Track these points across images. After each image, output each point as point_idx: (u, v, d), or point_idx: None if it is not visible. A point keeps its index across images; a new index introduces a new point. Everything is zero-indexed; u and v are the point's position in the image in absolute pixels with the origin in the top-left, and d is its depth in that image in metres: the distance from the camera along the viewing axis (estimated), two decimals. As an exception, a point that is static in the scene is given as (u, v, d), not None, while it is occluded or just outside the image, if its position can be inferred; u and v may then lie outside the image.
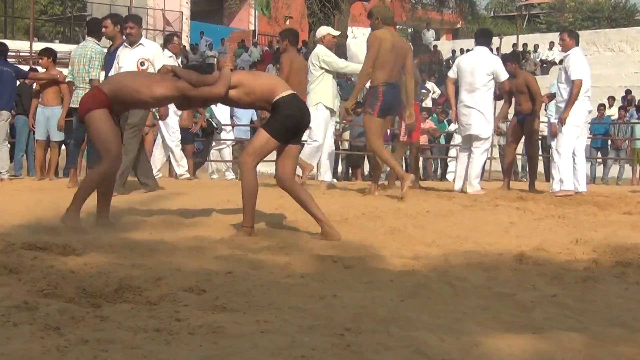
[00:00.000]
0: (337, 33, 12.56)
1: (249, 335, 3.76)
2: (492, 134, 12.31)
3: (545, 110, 13.80)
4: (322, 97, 11.78)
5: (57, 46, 33.18)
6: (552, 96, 12.92)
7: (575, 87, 11.52)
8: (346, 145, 22.50)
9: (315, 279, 5.42)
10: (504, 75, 11.77)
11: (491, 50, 12.27)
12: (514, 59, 13.59)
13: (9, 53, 13.93)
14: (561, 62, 12.42)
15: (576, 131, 11.70)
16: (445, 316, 4.49)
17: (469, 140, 11.85)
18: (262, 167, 13.20)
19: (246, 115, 19.84)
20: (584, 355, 3.81)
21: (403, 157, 13.71)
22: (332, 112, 12.03)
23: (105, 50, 11.65)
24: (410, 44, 14.77)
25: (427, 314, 4.49)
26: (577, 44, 11.94)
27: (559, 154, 11.67)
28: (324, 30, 12.47)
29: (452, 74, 12.29)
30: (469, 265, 6.24)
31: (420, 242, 7.24)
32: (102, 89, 7.28)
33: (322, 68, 11.75)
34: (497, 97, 12.58)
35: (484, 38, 12.27)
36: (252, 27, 44.57)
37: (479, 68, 11.66)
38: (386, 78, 10.47)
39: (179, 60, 14.45)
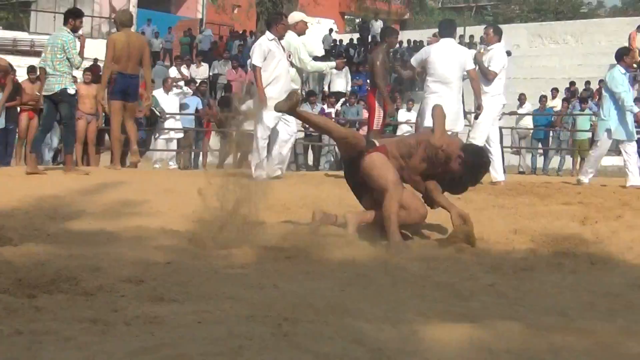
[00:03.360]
0: (310, 20, 12.39)
1: (186, 326, 3.75)
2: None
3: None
4: None
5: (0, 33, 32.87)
6: None
7: (490, 76, 11.88)
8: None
9: (255, 269, 5.42)
10: (470, 65, 11.70)
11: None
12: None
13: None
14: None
15: (490, 122, 11.95)
16: (383, 305, 4.50)
17: None
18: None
19: (192, 104, 19.76)
20: (520, 344, 3.84)
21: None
22: None
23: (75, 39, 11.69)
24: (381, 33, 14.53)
25: (366, 304, 4.50)
26: (499, 40, 12.17)
27: (476, 139, 11.90)
28: (297, 17, 12.20)
29: (415, 62, 12.12)
30: (408, 255, 6.27)
31: (360, 231, 7.24)
32: None
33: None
34: None
35: (448, 29, 12.15)
36: (199, 16, 44.26)
37: (452, 61, 11.52)
38: (119, 69, 12.34)
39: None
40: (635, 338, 4.03)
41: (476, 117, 11.78)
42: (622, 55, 12.73)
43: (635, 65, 29.56)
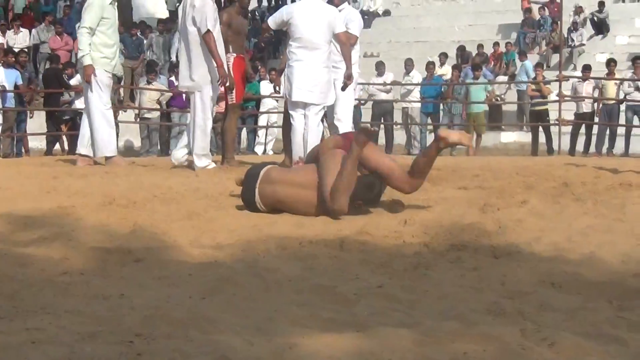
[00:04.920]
0: None
1: (16, 347, 3.68)
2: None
3: None
4: None
5: None
6: None
7: (352, 40, 12.21)
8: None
9: (97, 275, 5.38)
10: (339, 27, 11.74)
11: None
12: None
13: None
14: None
15: (353, 95, 12.38)
16: (254, 315, 4.53)
17: (301, 106, 11.64)
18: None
19: (11, 79, 19.41)
20: (415, 355, 3.91)
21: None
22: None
23: None
24: None
25: (233, 313, 4.52)
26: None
27: (342, 121, 12.14)
28: None
29: (273, 24, 12.07)
30: (281, 254, 6.30)
31: (223, 228, 7.24)
32: None
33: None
34: None
35: None
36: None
37: (318, 23, 11.48)
38: None
39: None
40: (547, 343, 4.14)
41: (343, 88, 11.89)
42: None
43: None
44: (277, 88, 14.06)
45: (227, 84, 12.10)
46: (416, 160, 8.19)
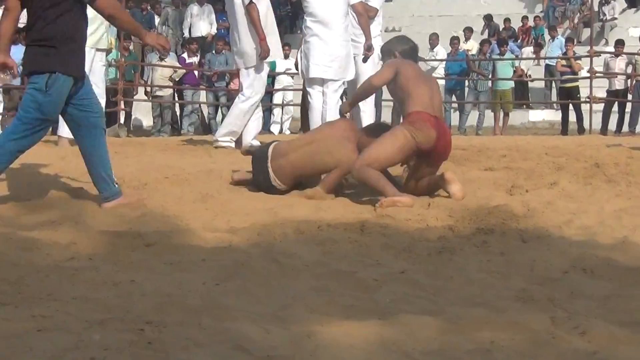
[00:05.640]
0: None
1: (22, 335, 3.68)
2: None
3: None
4: None
5: None
6: None
7: (372, 13, 12.22)
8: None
9: (106, 261, 5.37)
10: None
11: None
12: None
13: None
14: None
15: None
16: (270, 302, 4.52)
17: (319, 83, 11.62)
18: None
19: (17, 55, 19.38)
20: (440, 343, 3.90)
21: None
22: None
23: None
24: None
25: (248, 300, 4.51)
26: None
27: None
28: None
29: None
30: (299, 238, 6.29)
31: (238, 211, 7.24)
32: None
33: None
34: None
35: None
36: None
37: None
38: None
39: None
40: (578, 332, 4.12)
41: (364, 60, 11.88)
42: None
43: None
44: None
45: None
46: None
